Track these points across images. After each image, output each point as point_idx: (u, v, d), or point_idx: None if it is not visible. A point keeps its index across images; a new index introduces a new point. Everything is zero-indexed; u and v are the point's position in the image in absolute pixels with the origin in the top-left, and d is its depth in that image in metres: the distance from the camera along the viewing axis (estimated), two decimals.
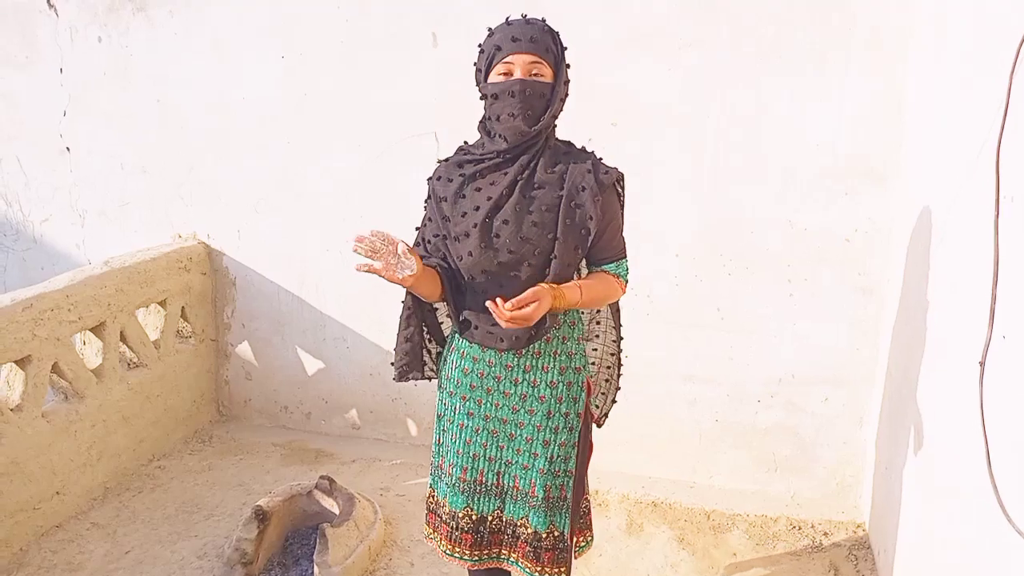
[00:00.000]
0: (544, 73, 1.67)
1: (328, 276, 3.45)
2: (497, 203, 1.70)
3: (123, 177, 3.60)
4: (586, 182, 1.70)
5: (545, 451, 1.80)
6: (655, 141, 2.88)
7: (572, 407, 1.82)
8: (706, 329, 3.01)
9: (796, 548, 2.76)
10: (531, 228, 1.69)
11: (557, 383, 1.79)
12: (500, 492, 1.86)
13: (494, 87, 1.68)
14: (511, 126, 1.67)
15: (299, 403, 3.65)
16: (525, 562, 1.85)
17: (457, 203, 1.74)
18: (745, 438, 3.08)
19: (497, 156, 1.72)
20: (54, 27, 3.51)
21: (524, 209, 1.69)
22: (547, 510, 1.81)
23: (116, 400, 3.06)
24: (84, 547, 2.70)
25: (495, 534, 1.89)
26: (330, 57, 3.21)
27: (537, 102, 1.66)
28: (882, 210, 2.76)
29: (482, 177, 1.74)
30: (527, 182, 1.70)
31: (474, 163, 1.76)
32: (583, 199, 1.70)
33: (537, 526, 1.82)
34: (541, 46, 1.65)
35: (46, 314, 2.71)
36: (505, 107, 1.66)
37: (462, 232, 1.72)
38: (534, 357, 1.78)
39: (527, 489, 1.82)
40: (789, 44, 2.72)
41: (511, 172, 1.70)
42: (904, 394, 2.37)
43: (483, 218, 1.69)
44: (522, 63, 1.65)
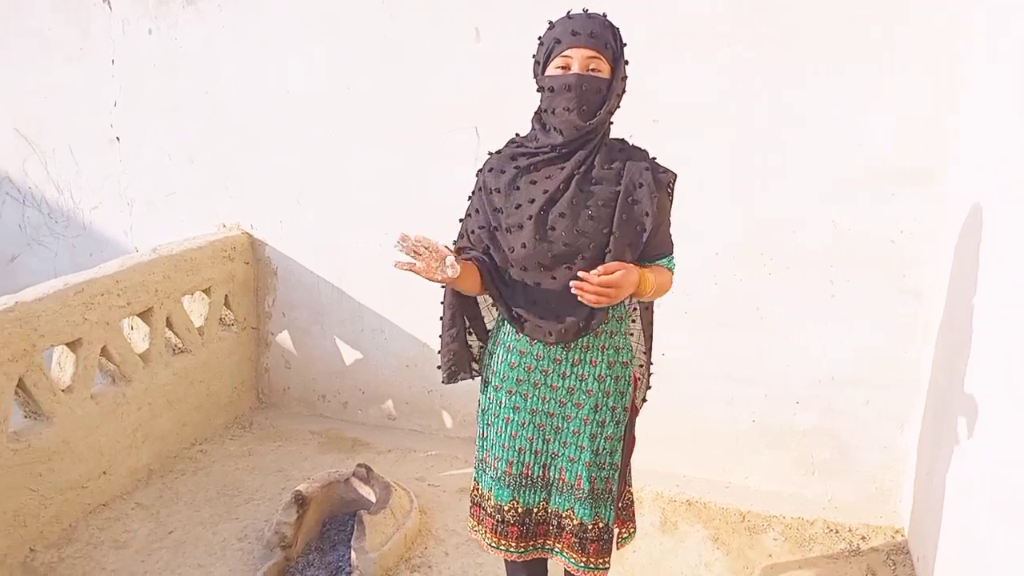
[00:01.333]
0: (602, 68, 1.67)
1: (367, 268, 3.49)
2: (553, 196, 1.70)
3: (170, 167, 3.68)
4: (644, 179, 1.71)
5: (592, 444, 1.81)
6: (696, 139, 2.86)
7: (619, 400, 1.82)
8: (745, 328, 2.99)
9: (833, 552, 2.73)
10: (587, 222, 1.69)
11: (605, 377, 1.80)
12: (546, 484, 1.87)
13: (551, 80, 1.68)
14: (566, 120, 1.67)
15: (336, 392, 3.71)
16: (570, 553, 1.86)
17: (511, 195, 1.75)
18: (783, 439, 3.05)
19: (552, 150, 1.72)
20: (107, 20, 3.60)
21: (581, 203, 1.69)
22: (592, 502, 1.82)
23: (161, 384, 3.14)
24: (129, 526, 2.77)
25: (540, 525, 1.90)
26: (374, 52, 3.24)
27: (593, 97, 1.67)
28: (928, 211, 2.71)
29: (536, 170, 1.74)
30: (584, 177, 1.71)
31: (528, 156, 1.76)
32: (640, 196, 1.70)
33: (583, 517, 1.83)
34: (600, 41, 1.65)
35: (97, 299, 2.79)
36: (561, 101, 1.67)
37: (515, 224, 1.73)
38: (582, 351, 1.78)
39: (573, 481, 1.83)
40: (836, 44, 2.68)
41: (568, 166, 1.71)
42: (948, 398, 2.34)
43: (538, 210, 1.70)
44: (580, 57, 1.65)
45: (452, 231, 3.33)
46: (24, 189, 3.98)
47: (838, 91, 2.72)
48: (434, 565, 2.60)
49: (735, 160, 2.87)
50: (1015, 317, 1.76)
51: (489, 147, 3.13)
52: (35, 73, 3.79)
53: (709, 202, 2.91)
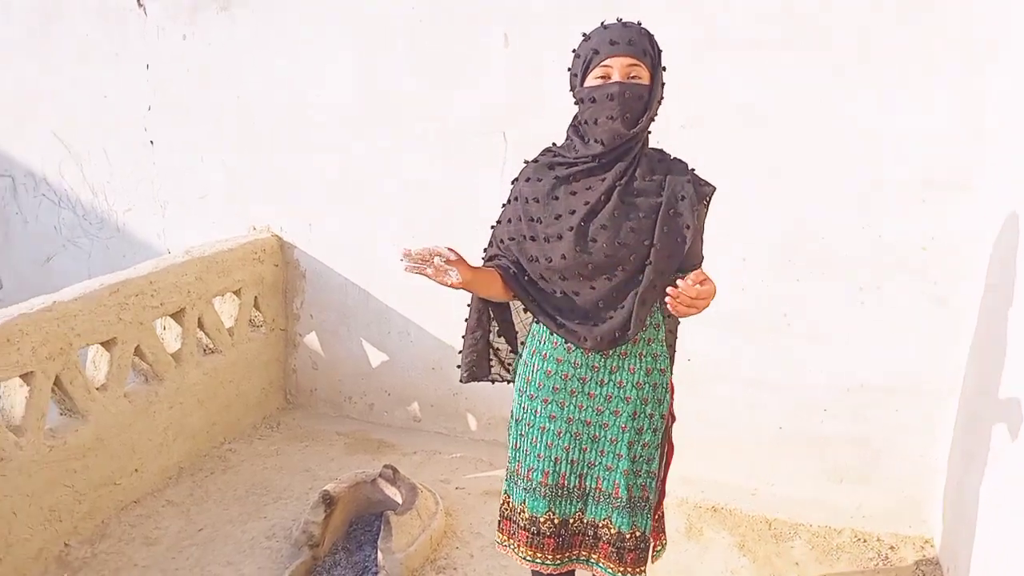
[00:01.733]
0: (642, 75, 1.67)
1: (394, 271, 3.51)
2: (594, 208, 1.70)
3: (202, 171, 3.74)
4: (685, 191, 1.71)
5: (629, 452, 1.79)
6: (725, 145, 2.86)
7: (657, 408, 1.81)
8: (772, 334, 2.97)
9: (861, 561, 2.71)
10: (629, 234, 1.69)
11: (643, 384, 1.79)
12: (582, 494, 1.85)
13: (591, 91, 1.68)
14: (609, 129, 1.67)
15: (363, 394, 3.74)
16: (607, 563, 1.85)
17: (549, 205, 1.74)
18: (810, 447, 3.03)
19: (592, 160, 1.72)
20: (142, 25, 3.67)
21: (623, 215, 1.69)
22: (630, 511, 1.81)
23: (192, 384, 3.19)
24: (160, 523, 2.82)
25: (576, 536, 1.88)
26: (403, 57, 3.28)
27: (635, 104, 1.66)
28: (960, 219, 2.68)
29: (576, 181, 1.74)
30: (625, 188, 1.70)
31: (566, 166, 1.75)
32: (682, 208, 1.71)
33: (621, 527, 1.81)
34: (639, 48, 1.65)
35: (131, 299, 2.84)
36: (603, 110, 1.67)
37: (554, 234, 1.72)
38: (620, 358, 1.78)
39: (610, 490, 1.82)
40: (871, 51, 2.66)
41: (609, 178, 1.70)
42: (980, 407, 2.31)
43: (579, 221, 1.69)
44: (620, 66, 1.65)
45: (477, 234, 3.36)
46: (60, 191, 4.06)
47: (870, 97, 2.70)
48: (459, 567, 2.61)
49: (764, 165, 2.86)
50: None
51: (516, 152, 3.18)
52: (72, 78, 3.88)
53: (737, 208, 2.90)
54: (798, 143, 2.81)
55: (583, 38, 1.72)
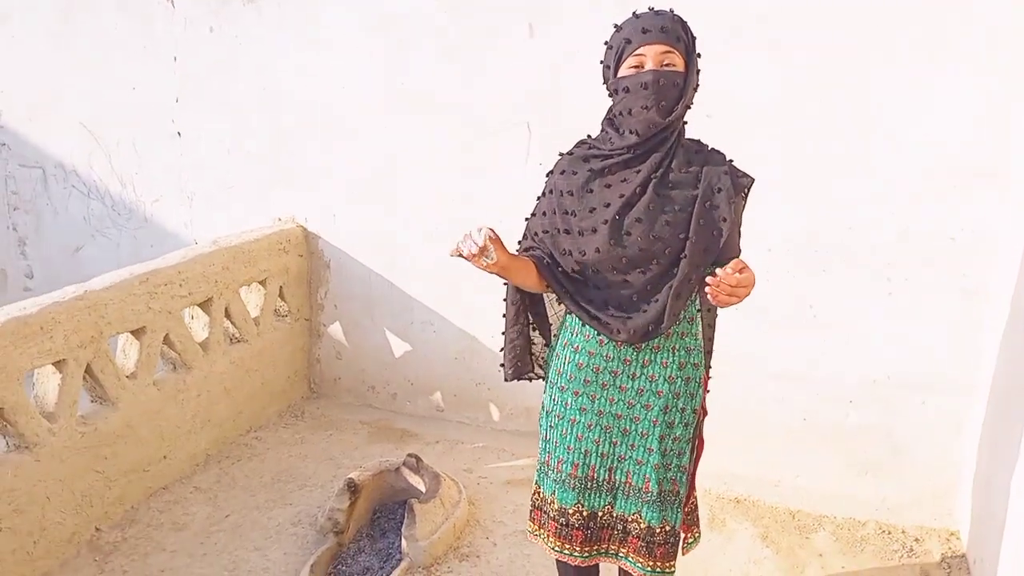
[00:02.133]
0: (676, 63, 1.64)
1: (418, 262, 3.54)
2: (629, 201, 1.68)
3: (229, 161, 3.78)
4: (723, 184, 1.68)
5: (660, 446, 1.78)
6: (752, 134, 2.83)
7: (689, 403, 1.79)
8: (797, 326, 2.95)
9: (885, 553, 2.69)
10: (664, 227, 1.67)
11: (676, 378, 1.77)
12: (611, 488, 1.84)
13: (625, 81, 1.65)
14: (644, 118, 1.64)
15: (386, 384, 3.77)
16: (637, 557, 1.84)
17: (583, 198, 1.73)
18: (834, 439, 3.00)
19: (627, 152, 1.69)
20: (170, 18, 3.71)
21: (658, 208, 1.67)
22: (660, 505, 1.80)
23: (219, 372, 3.23)
24: (188, 509, 2.87)
25: (604, 529, 1.87)
26: (428, 47, 3.28)
27: (671, 92, 1.63)
28: (991, 210, 2.64)
29: (611, 173, 1.72)
30: (661, 180, 1.68)
31: (601, 158, 1.73)
32: (719, 200, 1.68)
33: (651, 521, 1.80)
34: (672, 35, 1.63)
35: (160, 288, 2.88)
36: (638, 100, 1.64)
37: (589, 227, 1.71)
38: (653, 351, 1.76)
39: (640, 484, 1.81)
40: (899, 40, 2.62)
41: (644, 170, 1.68)
42: (1010, 400, 2.28)
43: (614, 215, 1.67)
44: (653, 54, 1.62)
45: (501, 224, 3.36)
46: (89, 182, 4.13)
47: (899, 87, 2.66)
48: (482, 555, 2.63)
49: (792, 155, 2.83)
50: None
51: (541, 143, 3.18)
52: (100, 70, 3.93)
53: (762, 198, 2.85)
54: (824, 131, 2.78)
55: (615, 29, 1.70)
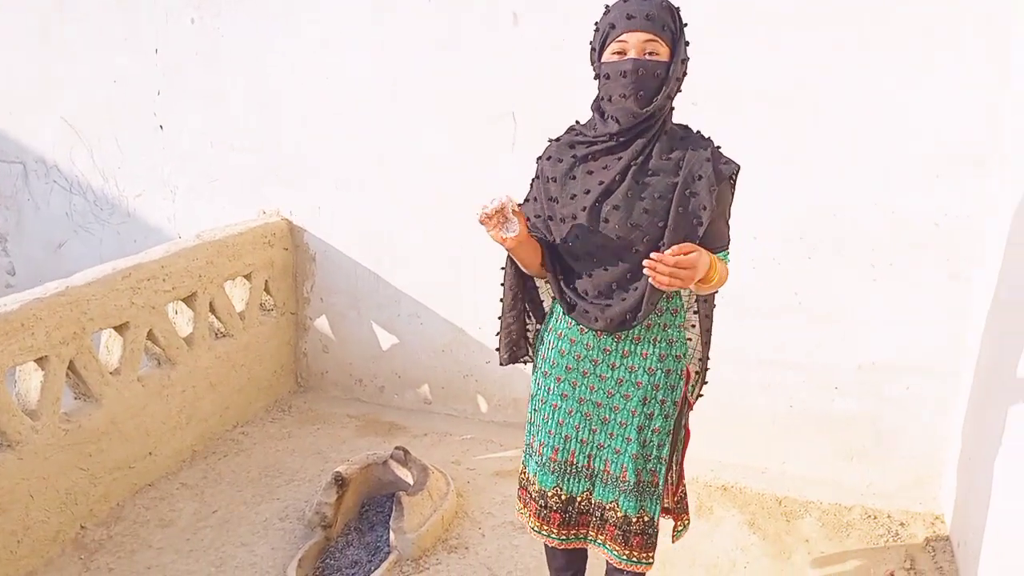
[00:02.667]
0: (659, 52, 1.61)
1: (404, 254, 3.52)
2: (608, 188, 1.67)
3: (212, 155, 3.75)
4: (703, 171, 1.65)
5: (639, 436, 1.78)
6: (735, 122, 2.83)
7: (669, 395, 1.79)
8: (784, 313, 2.96)
9: (871, 538, 2.71)
10: (642, 215, 1.65)
11: (656, 370, 1.77)
12: (590, 474, 1.85)
13: (607, 67, 1.64)
14: (623, 107, 1.63)
15: (373, 377, 3.76)
16: (613, 545, 1.84)
17: (567, 184, 1.72)
18: (820, 425, 3.02)
19: (610, 139, 1.68)
20: (151, 9, 3.66)
21: (636, 195, 1.65)
22: (638, 495, 1.80)
23: (204, 367, 3.21)
24: (175, 505, 2.85)
25: (583, 515, 1.88)
26: (414, 38, 3.26)
27: (650, 82, 1.61)
28: (974, 195, 2.66)
29: (594, 160, 1.71)
30: (641, 168, 1.66)
31: (586, 144, 1.72)
32: (699, 188, 1.65)
33: (627, 510, 1.81)
34: (658, 23, 1.60)
35: (143, 283, 2.86)
36: (617, 87, 1.62)
37: (569, 214, 1.71)
38: (633, 342, 1.75)
39: (618, 473, 1.81)
40: (887, 29, 2.62)
41: (625, 156, 1.66)
42: (993, 385, 2.30)
43: (592, 202, 1.67)
44: (636, 41, 1.60)
45: None
46: (71, 177, 4.08)
47: (885, 73, 2.67)
48: (471, 546, 2.63)
49: (777, 142, 2.83)
50: None
51: (527, 133, 3.16)
52: (81, 64, 3.88)
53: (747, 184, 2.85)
54: (809, 118, 2.78)
55: (604, 11, 1.68)
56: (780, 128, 2.82)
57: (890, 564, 2.56)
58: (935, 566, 2.55)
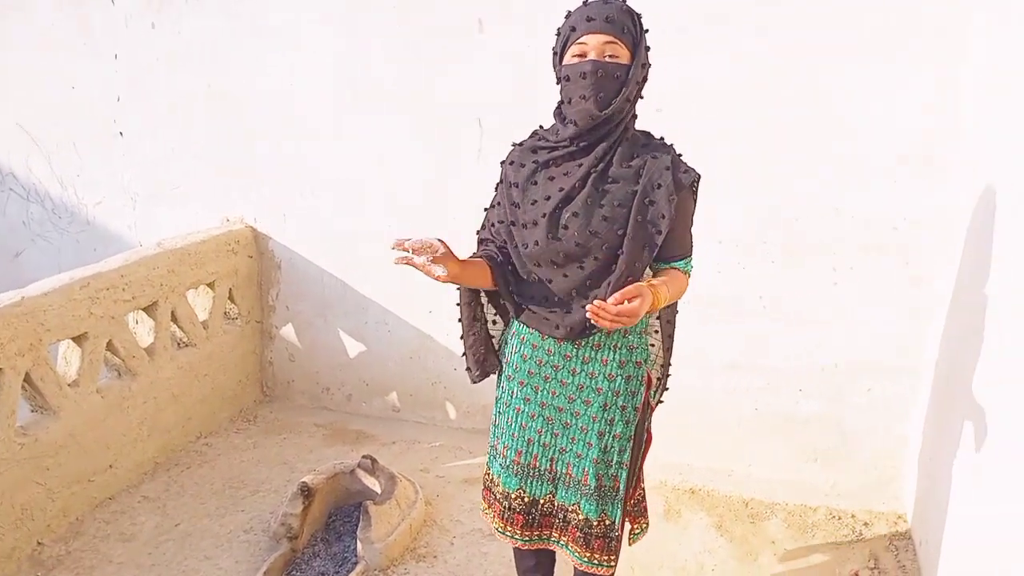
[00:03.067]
0: (620, 54, 1.61)
1: (371, 261, 3.50)
2: (569, 194, 1.67)
3: (174, 162, 3.68)
4: (663, 179, 1.66)
5: (599, 441, 1.79)
6: (701, 127, 2.85)
7: (630, 400, 1.79)
8: (747, 317, 2.99)
9: (836, 537, 2.75)
10: (601, 222, 1.65)
11: (616, 376, 1.77)
12: (553, 478, 1.86)
13: (567, 69, 1.65)
14: (582, 109, 1.62)
15: (340, 385, 3.72)
16: (575, 547, 1.86)
17: (528, 190, 1.72)
18: (785, 427, 3.06)
19: (572, 144, 1.68)
20: (110, 14, 3.60)
21: (595, 202, 1.65)
22: (599, 499, 1.81)
23: (166, 378, 3.15)
24: (136, 519, 2.79)
25: (546, 517, 1.89)
26: (377, 44, 3.24)
27: (610, 84, 1.61)
28: (933, 198, 2.71)
29: (556, 166, 1.71)
30: (601, 175, 1.67)
31: (548, 150, 1.72)
32: (657, 196, 1.65)
33: (588, 513, 1.82)
34: (618, 26, 1.60)
35: (102, 293, 2.80)
36: (577, 89, 1.63)
37: (530, 220, 1.70)
38: (593, 349, 1.76)
39: (580, 477, 1.82)
40: (846, 32, 2.67)
41: (586, 163, 1.66)
42: (952, 384, 2.34)
43: (553, 208, 1.67)
44: (596, 44, 1.60)
45: (455, 221, 3.35)
46: (28, 185, 3.99)
47: (843, 78, 2.71)
48: (440, 555, 2.62)
49: (740, 148, 2.86)
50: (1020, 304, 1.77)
51: (492, 139, 3.16)
52: (37, 69, 3.80)
53: (713, 190, 2.89)
54: (770, 123, 2.82)
55: (566, 15, 1.69)
56: (742, 134, 2.85)
57: (854, 563, 2.60)
58: (898, 564, 2.59)
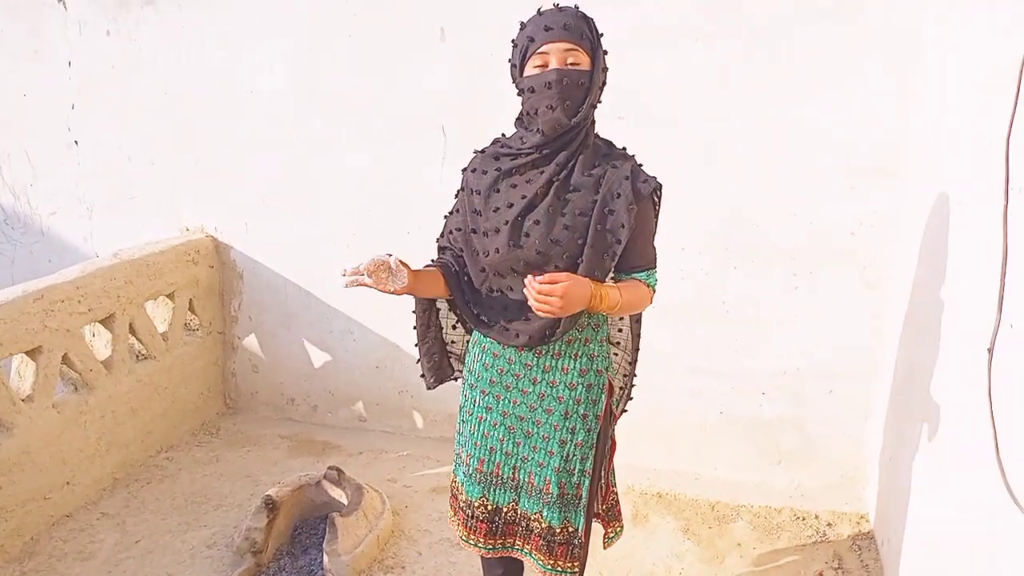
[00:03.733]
0: (581, 61, 1.62)
1: (335, 269, 3.42)
2: (531, 202, 1.67)
3: (131, 170, 3.61)
4: (622, 189, 1.66)
5: (561, 450, 1.79)
6: (663, 136, 2.89)
7: (591, 408, 1.79)
8: (711, 322, 3.03)
9: (800, 538, 2.78)
10: (562, 231, 1.65)
11: (576, 384, 1.77)
12: (516, 486, 1.86)
13: (530, 80, 1.63)
14: (550, 119, 1.62)
15: (306, 395, 3.67)
16: (538, 555, 1.86)
17: (490, 198, 1.72)
18: (749, 430, 3.10)
19: (535, 152, 1.68)
20: (63, 21, 3.52)
21: (557, 211, 1.66)
22: (561, 507, 1.81)
23: (125, 391, 3.08)
24: (95, 536, 2.72)
25: (509, 525, 1.89)
26: (339, 51, 3.22)
27: (575, 92, 1.62)
28: (888, 204, 2.78)
29: (519, 174, 1.71)
30: (563, 183, 1.67)
31: (511, 157, 1.72)
32: (617, 206, 1.66)
33: (551, 521, 1.82)
34: (576, 33, 1.61)
35: (57, 305, 2.73)
36: (543, 99, 1.61)
37: (492, 228, 1.70)
38: (554, 358, 1.76)
39: (542, 486, 1.82)
40: (801, 42, 2.73)
41: (548, 171, 1.67)
42: (910, 386, 2.39)
43: (515, 216, 1.66)
44: (557, 52, 1.60)
45: (419, 229, 3.33)
46: None
47: (801, 88, 2.77)
48: (408, 565, 2.59)
49: (701, 156, 2.90)
50: (974, 305, 1.81)
51: (456, 146, 3.16)
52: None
53: (676, 198, 2.92)
54: (731, 133, 2.86)
55: (520, 26, 1.68)
56: (704, 143, 2.89)
57: (819, 564, 2.64)
58: (861, 564, 2.63)
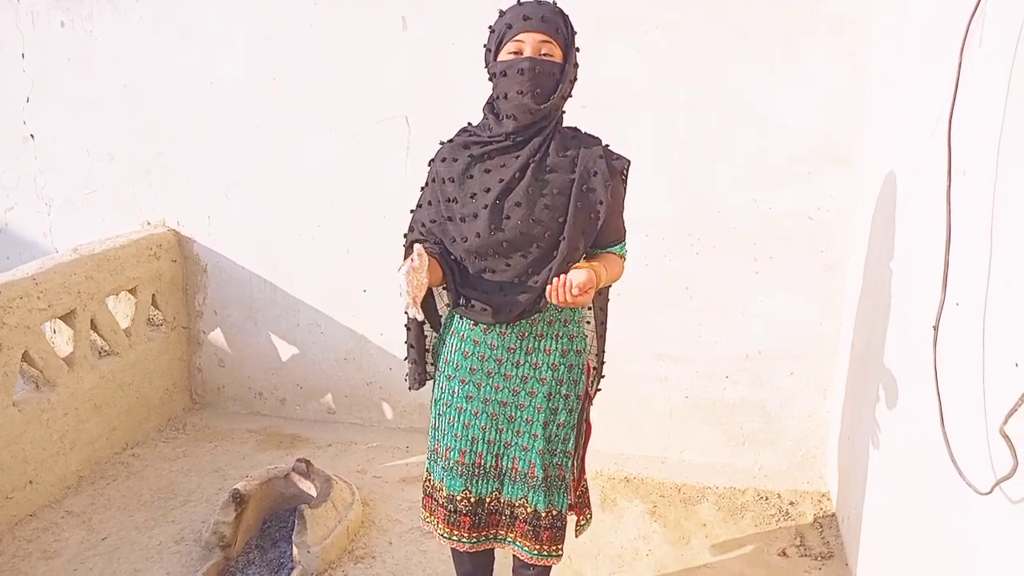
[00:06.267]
0: (554, 53, 1.68)
1: (301, 262, 3.45)
2: (509, 185, 1.70)
3: (90, 164, 3.55)
4: (598, 167, 1.73)
5: (544, 432, 1.81)
6: (624, 124, 2.92)
7: (572, 389, 1.83)
8: (675, 308, 3.08)
9: (764, 518, 2.85)
10: (543, 211, 1.70)
11: (559, 365, 1.81)
12: (498, 474, 1.87)
13: (503, 65, 1.69)
14: (519, 104, 1.67)
15: (273, 389, 3.66)
16: (524, 541, 1.87)
17: (464, 184, 1.74)
18: (714, 413, 3.15)
19: (506, 139, 1.72)
20: (15, 12, 3.44)
21: (537, 192, 1.70)
22: (547, 489, 1.83)
23: (88, 388, 3.04)
24: (59, 535, 2.69)
25: (493, 515, 1.90)
26: (300, 41, 3.20)
27: (547, 81, 1.68)
28: (844, 189, 2.84)
29: (491, 159, 1.74)
30: (539, 165, 1.71)
31: (481, 144, 1.75)
32: (595, 183, 1.72)
33: (537, 505, 1.84)
34: (552, 26, 1.67)
35: (15, 302, 2.68)
36: (514, 84, 1.67)
37: (470, 213, 1.73)
38: (536, 339, 1.80)
39: (526, 470, 1.84)
40: (757, 29, 2.77)
41: (523, 155, 1.71)
42: (866, 365, 2.45)
43: (494, 200, 1.70)
44: (533, 41, 1.66)
45: (383, 221, 3.33)
46: None
47: (757, 75, 2.81)
48: (378, 555, 2.60)
49: (663, 143, 2.94)
50: (922, 284, 1.87)
51: (420, 137, 3.16)
52: None
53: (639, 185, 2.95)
54: (691, 120, 2.90)
55: (499, 14, 1.73)
56: (664, 130, 2.93)
57: (782, 542, 2.70)
58: (823, 541, 2.70)
